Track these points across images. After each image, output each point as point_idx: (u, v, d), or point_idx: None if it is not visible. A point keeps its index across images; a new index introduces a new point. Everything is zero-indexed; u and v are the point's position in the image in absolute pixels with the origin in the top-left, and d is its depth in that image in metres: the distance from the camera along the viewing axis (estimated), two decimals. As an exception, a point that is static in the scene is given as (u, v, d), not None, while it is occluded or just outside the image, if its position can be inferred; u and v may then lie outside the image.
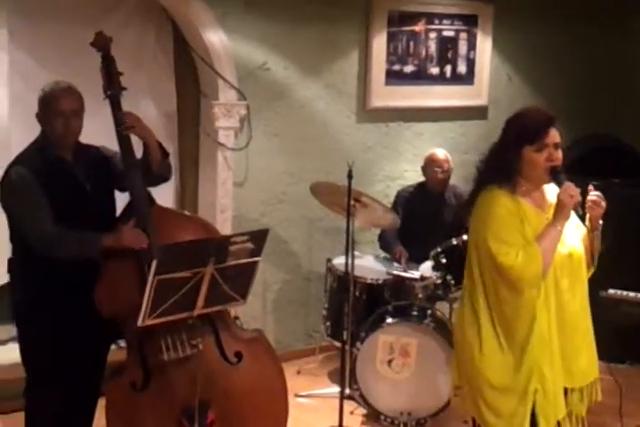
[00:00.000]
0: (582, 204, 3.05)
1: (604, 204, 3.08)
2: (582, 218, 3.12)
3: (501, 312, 3.05)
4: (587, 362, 3.22)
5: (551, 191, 3.19)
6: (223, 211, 5.20)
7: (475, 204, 3.12)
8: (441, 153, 5.41)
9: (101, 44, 3.65)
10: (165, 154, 3.78)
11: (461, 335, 3.18)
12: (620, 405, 4.34)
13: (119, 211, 3.77)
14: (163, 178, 3.81)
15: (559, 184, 3.04)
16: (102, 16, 4.80)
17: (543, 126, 3.04)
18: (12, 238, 3.62)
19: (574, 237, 3.14)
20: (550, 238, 3.00)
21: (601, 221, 3.13)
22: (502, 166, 3.07)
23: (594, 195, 3.08)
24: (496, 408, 3.09)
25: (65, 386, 3.63)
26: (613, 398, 5.13)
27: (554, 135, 3.05)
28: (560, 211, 3.01)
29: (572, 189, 3.00)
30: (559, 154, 3.06)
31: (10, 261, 3.69)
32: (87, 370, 3.68)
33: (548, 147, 3.03)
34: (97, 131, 3.76)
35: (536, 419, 3.08)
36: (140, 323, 3.19)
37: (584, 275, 3.19)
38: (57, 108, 3.49)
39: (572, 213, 3.08)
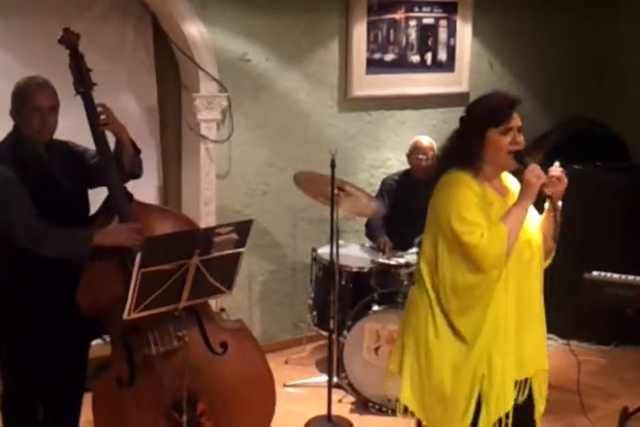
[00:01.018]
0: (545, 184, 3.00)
1: (565, 180, 3.02)
2: (549, 198, 3.06)
3: (455, 297, 3.00)
4: (538, 352, 3.16)
5: (509, 180, 3.16)
6: (207, 203, 5.20)
7: (436, 187, 3.06)
8: (425, 140, 5.42)
9: (69, 40, 3.64)
10: (137, 151, 3.76)
11: (415, 319, 3.12)
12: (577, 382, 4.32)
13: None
14: (134, 175, 3.78)
15: (525, 166, 3.00)
16: (81, 11, 4.77)
17: (508, 109, 3.01)
18: None
19: (533, 225, 3.10)
20: (515, 218, 2.96)
21: (560, 203, 3.07)
22: (465, 150, 3.02)
23: (557, 170, 3.03)
24: (441, 394, 3.06)
25: (43, 390, 3.63)
26: (600, 380, 5.22)
27: (517, 118, 3.02)
28: (527, 191, 2.97)
29: (539, 171, 2.97)
30: (522, 138, 3.03)
31: None
32: (68, 369, 3.66)
33: (512, 130, 3.00)
34: (70, 127, 3.73)
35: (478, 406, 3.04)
36: (125, 316, 3.19)
37: (541, 264, 3.15)
38: (33, 104, 3.46)
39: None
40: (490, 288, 2.98)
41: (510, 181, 3.17)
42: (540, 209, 3.15)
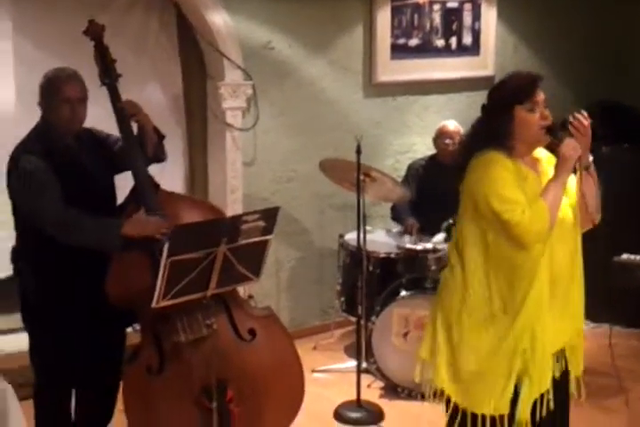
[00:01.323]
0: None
1: (588, 125, 2.98)
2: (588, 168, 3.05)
3: (502, 273, 3.02)
4: (574, 323, 3.19)
5: (542, 155, 3.16)
6: (233, 191, 5.23)
7: (468, 169, 3.05)
8: (452, 125, 5.40)
9: (94, 32, 3.68)
10: (161, 136, 3.79)
11: (449, 301, 3.13)
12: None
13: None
14: (157, 159, 3.81)
15: (559, 140, 2.99)
16: (105, 2, 4.80)
17: (531, 85, 3.02)
18: (18, 227, 3.61)
19: (566, 202, 3.09)
20: (554, 193, 2.97)
21: (591, 158, 3.06)
22: (495, 131, 3.02)
23: (579, 115, 3.00)
24: (478, 372, 3.06)
25: (77, 380, 3.66)
26: (631, 362, 5.19)
27: (541, 93, 3.02)
28: (563, 164, 2.98)
29: (574, 144, 2.96)
30: (548, 112, 3.02)
31: (14, 250, 3.68)
32: (102, 358, 3.68)
33: (538, 105, 3.00)
34: (96, 117, 3.74)
35: (519, 383, 3.05)
36: (154, 304, 3.21)
37: (577, 240, 3.15)
38: (64, 95, 3.48)
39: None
40: (535, 263, 3.00)
41: (542, 156, 3.17)
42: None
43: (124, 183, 3.80)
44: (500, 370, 3.05)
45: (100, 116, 3.76)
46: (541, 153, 3.17)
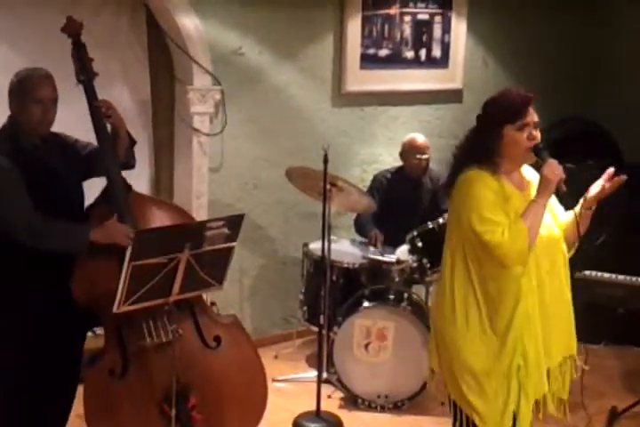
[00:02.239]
0: (565, 181, 3.03)
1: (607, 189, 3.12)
2: (562, 196, 3.09)
3: (486, 292, 3.05)
4: (564, 340, 3.23)
5: (528, 172, 3.21)
6: (199, 197, 5.22)
7: (454, 186, 3.10)
8: (421, 138, 5.41)
9: (72, 29, 3.65)
10: (133, 142, 3.77)
11: (441, 319, 3.17)
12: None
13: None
14: (127, 166, 3.79)
15: (543, 161, 3.04)
16: (75, 2, 4.77)
17: (523, 105, 3.04)
18: None
19: (551, 219, 3.15)
20: (534, 214, 3.00)
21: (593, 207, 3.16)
22: (482, 147, 3.06)
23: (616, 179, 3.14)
24: (479, 390, 3.09)
25: (33, 384, 3.59)
26: (590, 378, 5.22)
27: (533, 114, 3.05)
28: (544, 187, 3.01)
29: (557, 166, 3.01)
30: (538, 133, 3.07)
31: None
32: (62, 361, 3.64)
33: (528, 126, 3.03)
34: (67, 118, 3.72)
35: (518, 398, 3.09)
36: (115, 309, 3.20)
37: (564, 256, 3.19)
38: (36, 96, 3.44)
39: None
40: (517, 282, 3.03)
41: (529, 174, 3.21)
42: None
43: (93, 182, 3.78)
44: (497, 389, 3.08)
45: (67, 119, 3.73)
46: (533, 176, 3.19)
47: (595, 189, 3.19)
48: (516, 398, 3.09)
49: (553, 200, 3.17)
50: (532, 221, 2.99)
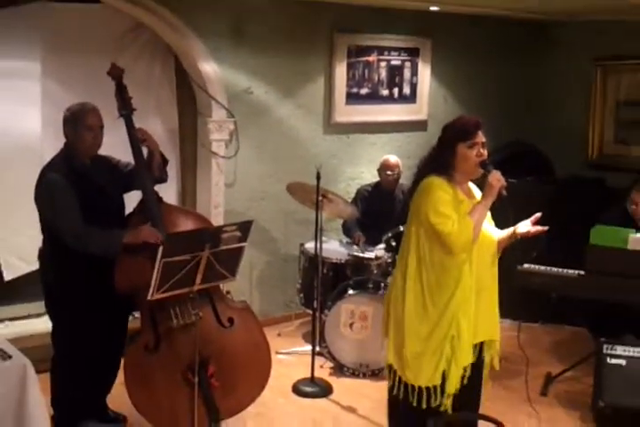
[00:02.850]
0: (506, 187, 3.05)
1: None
2: (503, 199, 3.08)
3: (433, 275, 3.05)
4: (489, 325, 3.20)
5: (474, 188, 3.22)
6: (216, 207, 5.20)
7: (416, 190, 3.10)
8: (392, 158, 5.42)
9: (115, 73, 3.67)
10: (165, 161, 3.77)
11: (395, 295, 3.16)
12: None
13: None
14: (161, 180, 3.79)
15: (489, 172, 3.05)
16: (119, 50, 4.79)
17: (474, 128, 3.06)
18: (44, 231, 3.57)
19: (486, 227, 3.15)
20: (479, 213, 3.02)
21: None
22: (440, 161, 3.07)
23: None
24: (416, 353, 3.08)
25: (91, 355, 3.62)
26: (529, 350, 5.22)
27: (481, 136, 3.08)
28: (489, 191, 3.03)
29: (499, 175, 3.03)
30: (485, 151, 3.08)
31: (40, 250, 3.64)
32: (111, 338, 3.67)
33: (477, 145, 3.05)
34: (112, 144, 3.74)
35: (449, 361, 3.08)
36: (149, 297, 3.20)
37: (495, 253, 3.19)
38: (87, 124, 3.47)
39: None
40: (460, 268, 3.03)
41: (474, 189, 3.22)
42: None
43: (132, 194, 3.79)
44: (433, 351, 3.08)
45: (112, 144, 3.74)
46: (477, 192, 3.20)
47: (523, 228, 3.18)
48: (446, 361, 3.07)
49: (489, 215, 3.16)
50: (477, 218, 3.01)
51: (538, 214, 3.24)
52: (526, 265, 4.45)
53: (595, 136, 6.52)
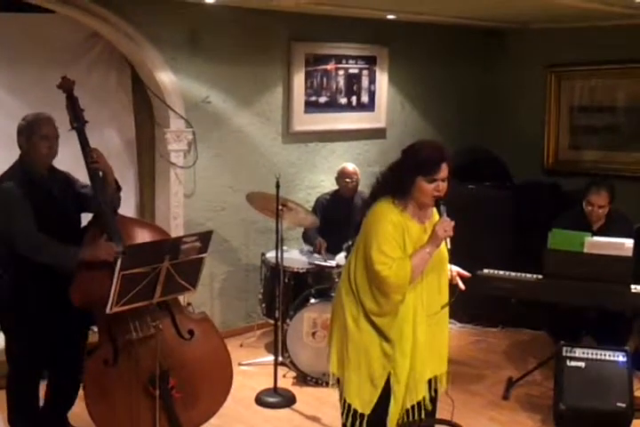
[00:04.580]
0: (452, 238, 2.99)
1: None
2: (449, 251, 3.04)
3: (370, 306, 3.01)
4: (442, 356, 3.18)
5: (433, 209, 3.12)
6: (176, 217, 5.18)
7: (370, 209, 3.04)
8: (350, 166, 5.46)
9: (66, 86, 3.63)
10: (119, 188, 3.72)
11: (341, 310, 3.12)
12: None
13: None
14: (113, 206, 3.68)
15: (440, 214, 3.01)
16: (72, 61, 4.76)
17: (437, 162, 2.94)
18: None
19: (444, 256, 3.10)
20: (420, 258, 2.95)
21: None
22: (398, 187, 2.99)
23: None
24: (358, 373, 3.05)
25: (40, 371, 3.59)
26: (490, 355, 5.30)
27: (444, 170, 2.95)
28: (433, 240, 2.97)
29: (448, 225, 2.96)
30: (445, 186, 2.98)
31: None
32: (69, 353, 3.63)
33: (437, 180, 2.95)
34: (64, 156, 3.69)
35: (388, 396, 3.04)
36: (108, 310, 3.18)
37: (446, 287, 3.14)
38: (42, 133, 3.45)
39: None
40: (394, 306, 2.98)
41: (433, 211, 3.13)
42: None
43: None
44: (372, 376, 3.03)
45: (64, 156, 3.70)
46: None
47: (451, 271, 3.14)
48: (384, 391, 3.03)
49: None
50: (417, 263, 2.94)
51: (469, 275, 3.20)
52: (485, 270, 4.51)
53: (550, 142, 6.64)
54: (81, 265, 3.39)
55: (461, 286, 3.15)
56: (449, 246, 3.02)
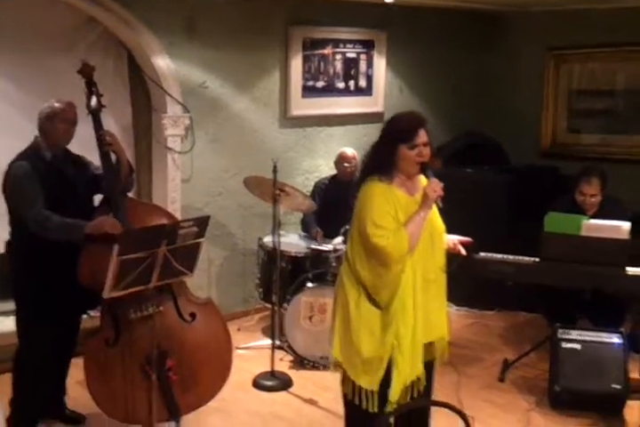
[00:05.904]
0: (443, 198, 3.02)
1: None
2: (441, 210, 3.08)
3: (372, 282, 3.04)
4: (439, 323, 3.20)
5: (421, 180, 3.16)
6: (173, 202, 5.20)
7: (360, 190, 3.08)
8: (349, 151, 5.46)
9: (86, 71, 3.70)
10: (131, 170, 3.78)
11: (342, 291, 3.16)
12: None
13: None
14: (126, 189, 3.79)
15: (427, 178, 3.05)
16: (70, 46, 4.76)
17: (414, 128, 2.99)
18: (12, 223, 3.59)
19: (436, 218, 3.15)
20: (416, 224, 2.99)
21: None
22: (382, 161, 3.03)
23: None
24: (359, 352, 3.07)
25: (49, 349, 3.64)
26: (486, 338, 5.35)
27: (423, 135, 3.00)
28: (424, 202, 3.00)
29: (437, 185, 3.00)
30: (427, 151, 3.02)
31: (8, 243, 3.65)
32: (64, 335, 3.72)
33: (418, 146, 2.99)
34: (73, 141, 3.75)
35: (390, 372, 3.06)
36: (105, 295, 3.20)
37: (443, 252, 3.17)
38: (64, 116, 3.54)
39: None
40: (395, 277, 3.01)
41: (421, 180, 3.16)
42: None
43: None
44: (374, 354, 3.06)
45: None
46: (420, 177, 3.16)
47: (450, 241, 3.18)
48: (386, 366, 3.05)
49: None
50: (413, 230, 2.98)
51: (469, 240, 3.24)
52: (482, 254, 4.52)
53: (548, 125, 6.66)
54: (87, 243, 3.44)
55: (463, 251, 3.18)
56: (441, 206, 3.04)
